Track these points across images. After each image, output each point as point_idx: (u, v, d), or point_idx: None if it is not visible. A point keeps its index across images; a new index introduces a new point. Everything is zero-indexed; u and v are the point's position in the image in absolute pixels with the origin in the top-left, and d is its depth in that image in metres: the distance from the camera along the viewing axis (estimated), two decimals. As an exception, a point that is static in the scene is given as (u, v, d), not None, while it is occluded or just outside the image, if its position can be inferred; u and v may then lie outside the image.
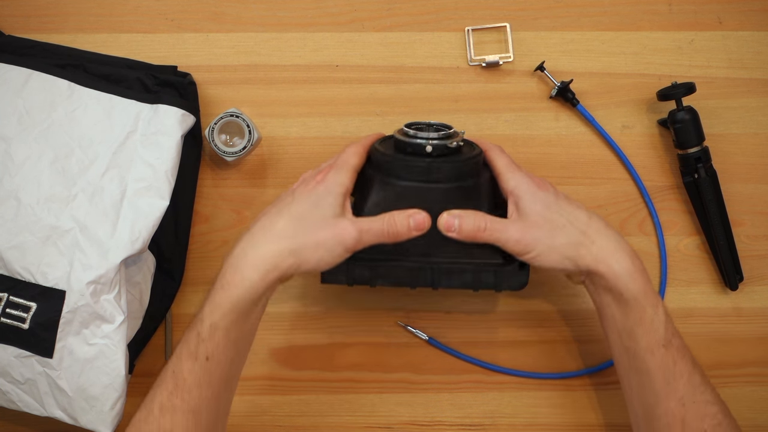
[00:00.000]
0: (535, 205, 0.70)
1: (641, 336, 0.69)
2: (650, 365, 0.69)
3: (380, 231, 0.68)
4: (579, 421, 0.82)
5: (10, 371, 0.73)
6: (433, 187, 0.70)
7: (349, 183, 0.69)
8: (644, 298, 0.69)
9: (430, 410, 0.82)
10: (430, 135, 0.71)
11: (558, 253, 0.69)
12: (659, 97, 0.82)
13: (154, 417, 0.65)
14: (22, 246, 0.73)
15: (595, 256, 0.69)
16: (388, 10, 0.85)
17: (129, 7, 0.84)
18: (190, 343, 0.66)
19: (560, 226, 0.70)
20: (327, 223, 0.67)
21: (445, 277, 0.71)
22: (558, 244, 0.69)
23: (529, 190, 0.71)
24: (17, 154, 0.75)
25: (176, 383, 0.66)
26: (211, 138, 0.80)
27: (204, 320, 0.66)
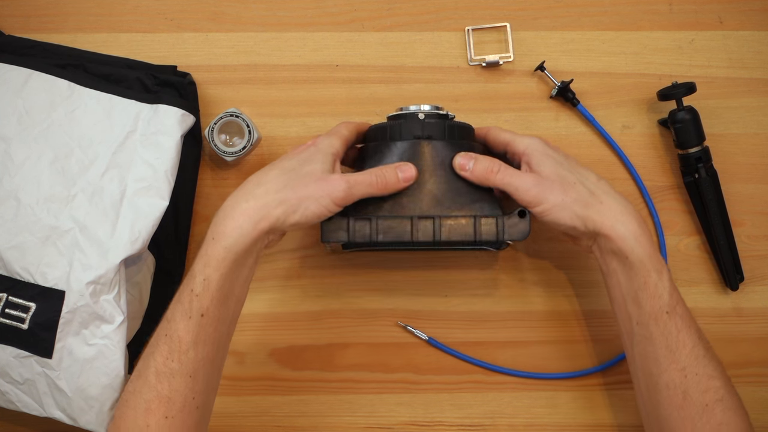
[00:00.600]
0: (548, 161, 0.71)
1: (645, 301, 0.69)
2: (653, 332, 0.69)
3: (369, 182, 0.69)
4: (579, 421, 0.82)
5: (9, 371, 0.73)
6: (426, 142, 0.72)
7: (339, 147, 0.71)
8: (649, 261, 0.69)
9: (430, 410, 0.82)
10: (422, 106, 0.75)
11: (569, 209, 0.69)
12: (660, 96, 0.82)
13: (150, 385, 0.64)
14: (21, 246, 0.73)
15: (603, 216, 0.69)
16: (388, 10, 0.85)
17: (129, 6, 0.84)
18: (183, 301, 0.66)
19: (571, 183, 0.70)
20: (316, 176, 0.68)
21: (446, 229, 0.70)
22: (569, 200, 0.69)
23: (540, 149, 0.72)
24: (17, 154, 0.75)
25: (171, 346, 0.65)
26: (210, 138, 0.80)
27: (196, 275, 0.66)
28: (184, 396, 0.65)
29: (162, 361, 0.65)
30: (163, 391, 0.64)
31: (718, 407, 0.68)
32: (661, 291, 0.69)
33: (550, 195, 0.69)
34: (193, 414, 0.65)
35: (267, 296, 0.83)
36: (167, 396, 0.64)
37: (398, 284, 0.83)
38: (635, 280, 0.69)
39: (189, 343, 0.65)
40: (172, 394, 0.64)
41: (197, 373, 0.65)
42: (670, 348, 0.68)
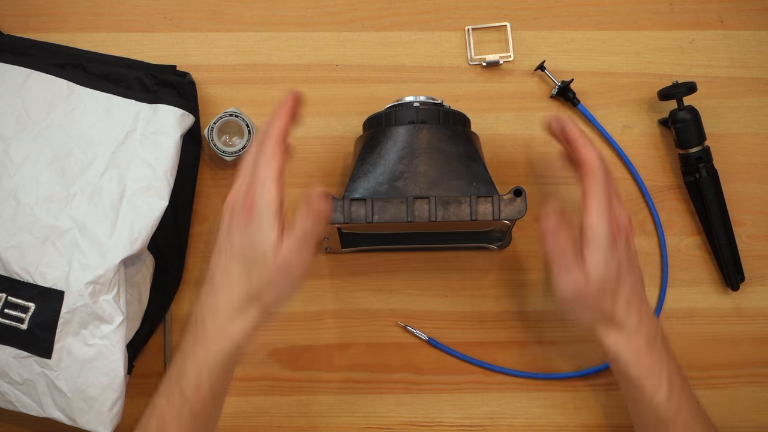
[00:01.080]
0: (600, 271, 0.66)
1: (643, 413, 0.70)
2: None
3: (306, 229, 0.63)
4: (579, 421, 0.82)
5: (8, 372, 0.73)
6: (421, 126, 0.72)
7: (276, 192, 0.64)
8: (647, 378, 0.68)
9: (430, 411, 0.82)
10: (418, 97, 0.76)
11: (587, 317, 0.69)
12: (660, 96, 0.82)
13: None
14: (20, 246, 0.72)
15: (609, 332, 0.69)
16: (388, 9, 0.85)
17: (128, 6, 0.84)
18: (174, 404, 0.65)
19: (602, 302, 0.67)
20: (267, 260, 0.63)
21: (442, 209, 0.69)
22: (590, 314, 0.68)
23: (603, 251, 0.66)
24: (16, 153, 0.75)
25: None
26: (210, 138, 0.80)
27: (189, 379, 0.65)
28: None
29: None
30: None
31: None
32: (657, 405, 0.68)
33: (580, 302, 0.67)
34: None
35: (267, 296, 0.83)
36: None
37: (398, 284, 0.83)
38: (632, 392, 0.70)
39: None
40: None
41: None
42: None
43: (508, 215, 0.70)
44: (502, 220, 0.70)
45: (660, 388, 0.68)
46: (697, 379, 0.82)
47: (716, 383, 0.82)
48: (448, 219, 0.69)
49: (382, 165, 0.72)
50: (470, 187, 0.71)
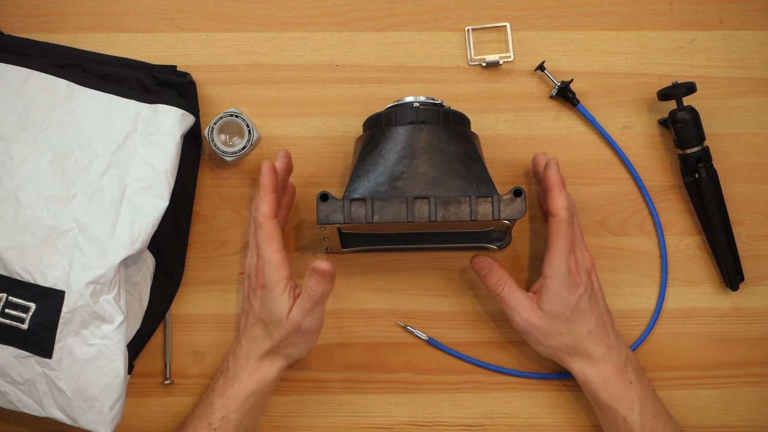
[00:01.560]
0: (556, 300, 0.74)
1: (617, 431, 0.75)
2: None
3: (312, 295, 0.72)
4: (579, 421, 0.82)
5: (9, 371, 0.73)
6: (420, 126, 0.73)
7: (281, 269, 0.73)
8: (617, 401, 0.74)
9: (430, 410, 0.82)
10: (418, 97, 0.76)
11: (545, 349, 0.77)
12: (660, 96, 0.82)
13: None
14: (21, 246, 0.72)
15: (574, 361, 0.76)
16: (388, 9, 0.85)
17: (128, 6, 0.84)
18: (201, 428, 0.74)
19: (557, 333, 0.75)
20: (283, 323, 0.73)
21: (442, 209, 0.70)
22: (548, 344, 0.76)
23: (561, 277, 0.73)
24: (16, 154, 0.75)
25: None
26: (210, 138, 0.80)
27: (215, 411, 0.74)
28: None
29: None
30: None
31: None
32: (630, 425, 0.73)
33: (533, 333, 0.75)
34: None
35: (267, 296, 0.83)
36: None
37: (398, 284, 0.83)
38: (604, 416, 0.76)
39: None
40: None
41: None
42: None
43: (508, 215, 0.70)
44: (502, 220, 0.70)
45: (632, 410, 0.73)
46: (697, 379, 0.82)
47: (716, 383, 0.82)
48: (448, 219, 0.69)
49: (382, 165, 0.72)
50: (470, 188, 0.71)
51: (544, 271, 0.74)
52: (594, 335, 0.75)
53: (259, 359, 0.75)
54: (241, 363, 0.75)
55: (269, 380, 0.75)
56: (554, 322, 0.74)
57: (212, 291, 0.82)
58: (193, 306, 0.82)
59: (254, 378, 0.75)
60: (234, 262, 0.82)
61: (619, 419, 0.74)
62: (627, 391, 0.74)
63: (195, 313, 0.82)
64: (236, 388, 0.74)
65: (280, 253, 0.73)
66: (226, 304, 0.82)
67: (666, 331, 0.83)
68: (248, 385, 0.74)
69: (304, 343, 0.75)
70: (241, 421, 0.74)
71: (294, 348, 0.75)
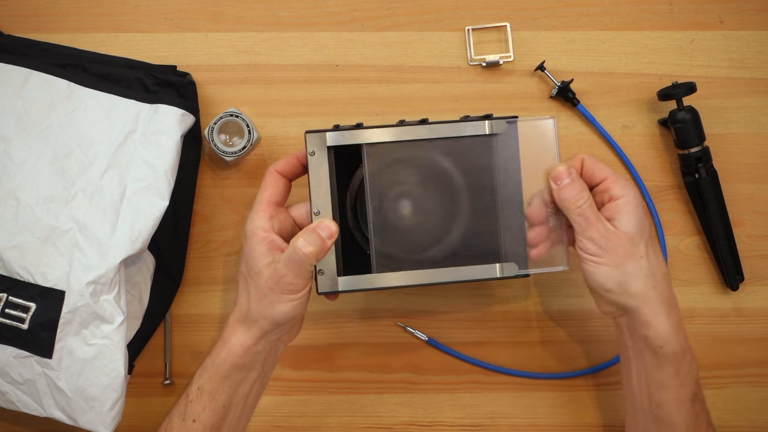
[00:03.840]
0: (632, 222, 0.67)
1: (672, 388, 0.68)
2: (675, 418, 0.69)
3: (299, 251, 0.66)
4: (579, 421, 0.82)
5: (9, 371, 0.73)
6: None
7: (262, 215, 0.68)
8: (683, 354, 0.68)
9: (430, 411, 0.82)
10: None
11: (614, 276, 0.68)
12: (660, 96, 0.82)
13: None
14: (21, 246, 0.73)
15: (647, 301, 0.67)
16: (388, 9, 0.85)
17: (128, 6, 0.84)
18: (180, 403, 0.69)
19: (636, 256, 0.67)
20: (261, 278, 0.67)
21: None
22: (623, 270, 0.67)
23: (634, 203, 0.68)
24: (16, 154, 0.75)
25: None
26: (210, 138, 0.80)
27: (193, 382, 0.69)
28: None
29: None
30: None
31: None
32: (690, 380, 0.68)
33: (609, 254, 0.67)
34: None
35: (267, 296, 0.83)
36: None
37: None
38: (666, 369, 0.68)
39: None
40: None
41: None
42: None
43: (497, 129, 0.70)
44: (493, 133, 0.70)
45: (693, 363, 0.69)
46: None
47: (716, 383, 0.82)
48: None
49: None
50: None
51: (612, 195, 0.68)
52: (665, 270, 0.69)
53: (235, 324, 0.69)
54: (222, 331, 0.70)
55: (239, 350, 0.68)
56: (633, 239, 0.67)
57: (212, 291, 0.82)
58: (193, 306, 0.82)
59: (225, 345, 0.69)
60: (234, 262, 0.82)
61: (682, 372, 0.68)
62: (688, 340, 0.69)
63: (195, 313, 0.82)
64: (210, 356, 0.69)
65: (269, 199, 0.69)
66: (226, 304, 0.82)
67: (666, 331, 0.83)
68: (219, 353, 0.69)
69: (277, 304, 0.67)
70: (215, 394, 0.68)
71: (266, 310, 0.67)
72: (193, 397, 0.68)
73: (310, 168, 0.70)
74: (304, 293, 0.68)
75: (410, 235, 0.71)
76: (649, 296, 0.67)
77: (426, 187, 0.71)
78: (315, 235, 0.67)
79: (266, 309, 0.67)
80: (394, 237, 0.71)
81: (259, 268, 0.67)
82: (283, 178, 0.71)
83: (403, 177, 0.71)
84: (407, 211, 0.71)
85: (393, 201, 0.71)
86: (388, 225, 0.70)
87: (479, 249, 0.71)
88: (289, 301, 0.67)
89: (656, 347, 0.68)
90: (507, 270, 0.71)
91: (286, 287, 0.67)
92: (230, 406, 0.70)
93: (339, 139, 0.70)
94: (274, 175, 0.71)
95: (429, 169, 0.71)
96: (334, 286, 0.70)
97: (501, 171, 0.71)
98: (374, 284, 0.70)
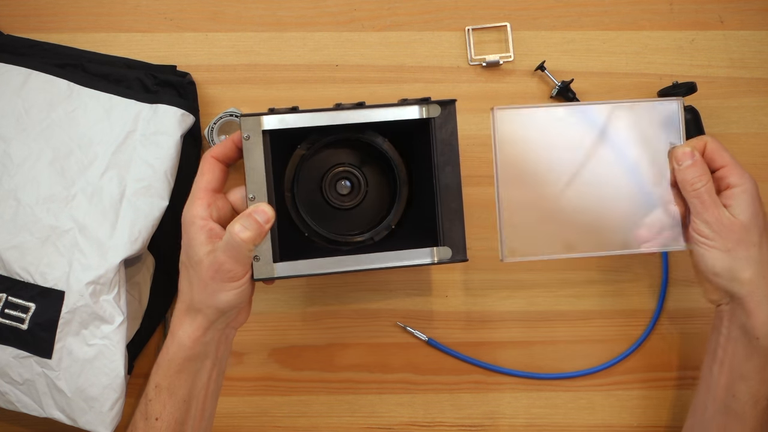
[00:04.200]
0: (749, 210, 0.68)
1: (755, 382, 0.69)
2: (748, 413, 0.69)
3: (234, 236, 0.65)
4: (579, 421, 0.82)
5: (8, 372, 0.73)
6: None
7: (199, 203, 0.67)
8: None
9: (430, 411, 0.82)
10: None
11: (727, 260, 0.68)
12: (660, 96, 0.82)
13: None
14: (21, 246, 0.73)
15: (754, 288, 0.68)
16: (388, 9, 0.85)
17: (128, 6, 0.84)
18: (141, 403, 0.68)
19: (751, 243, 0.68)
20: (201, 266, 0.66)
21: None
22: (735, 255, 0.68)
23: (753, 193, 0.69)
24: (16, 154, 0.75)
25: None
26: (210, 138, 0.80)
27: (150, 381, 0.68)
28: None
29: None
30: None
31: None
32: None
33: (722, 239, 0.68)
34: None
35: (267, 296, 0.83)
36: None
37: (398, 284, 0.83)
38: (755, 361, 0.68)
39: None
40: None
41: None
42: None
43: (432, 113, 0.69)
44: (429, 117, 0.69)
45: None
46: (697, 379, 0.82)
47: (716, 383, 0.82)
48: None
49: None
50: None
51: (729, 180, 0.69)
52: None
53: (180, 316, 0.68)
54: (171, 323, 0.69)
55: (188, 341, 0.67)
56: (749, 227, 0.68)
57: (212, 291, 0.82)
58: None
59: (174, 338, 0.67)
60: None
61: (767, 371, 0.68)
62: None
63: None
64: (162, 352, 0.68)
65: (202, 190, 0.67)
66: (226, 304, 0.82)
67: (666, 331, 0.83)
68: (169, 347, 0.67)
69: (219, 292, 0.66)
70: (173, 389, 0.67)
71: (209, 298, 0.66)
72: (152, 395, 0.67)
73: (245, 152, 0.68)
74: (245, 280, 0.67)
75: (348, 217, 0.73)
76: (757, 285, 0.68)
77: (364, 170, 0.74)
78: (251, 220, 0.65)
79: (209, 298, 0.66)
80: (331, 220, 0.72)
81: (199, 257, 0.66)
82: (220, 164, 0.69)
83: (342, 158, 0.73)
84: (345, 192, 0.74)
85: (330, 182, 0.73)
86: (326, 208, 0.71)
87: (417, 234, 0.72)
88: (231, 290, 0.66)
89: (752, 338, 0.68)
90: (442, 254, 0.70)
91: (226, 274, 0.65)
92: (191, 399, 0.68)
93: (274, 123, 0.68)
94: (210, 161, 0.68)
95: (367, 152, 0.73)
96: (271, 272, 0.68)
97: (439, 155, 0.70)
98: (312, 270, 0.69)
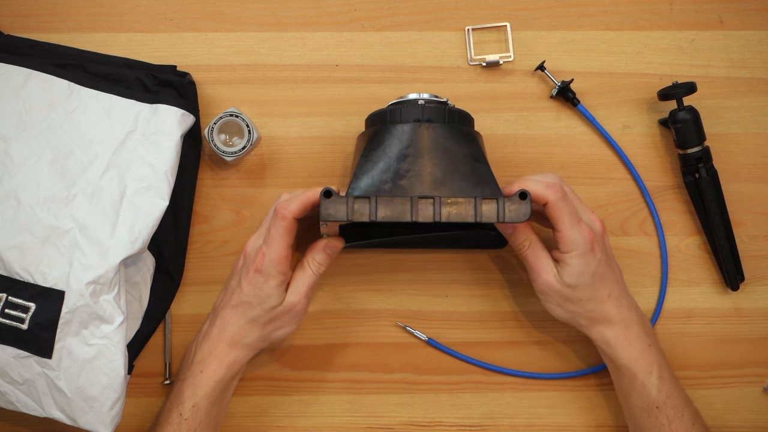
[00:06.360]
0: (574, 275, 0.73)
1: (635, 397, 0.74)
2: (645, 423, 0.74)
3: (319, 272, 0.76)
4: (579, 421, 0.82)
5: (8, 371, 0.73)
6: (426, 125, 0.72)
7: (283, 251, 0.73)
8: (636, 364, 0.74)
9: (430, 411, 0.82)
10: (422, 94, 0.76)
11: (564, 312, 0.76)
12: (660, 96, 0.82)
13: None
14: (21, 246, 0.72)
15: (592, 325, 0.75)
16: (388, 9, 0.85)
17: (128, 6, 0.84)
18: (172, 423, 0.73)
19: (577, 300, 0.74)
20: (275, 307, 0.74)
21: (446, 210, 0.69)
22: (567, 309, 0.75)
23: (578, 258, 0.72)
24: (16, 154, 0.75)
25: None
26: (210, 138, 0.80)
27: (185, 401, 0.73)
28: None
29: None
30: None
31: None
32: (648, 389, 0.73)
33: (553, 297, 0.74)
34: None
35: (267, 296, 0.83)
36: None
37: (398, 284, 0.83)
38: (624, 379, 0.75)
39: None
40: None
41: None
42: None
43: (513, 218, 0.69)
44: (506, 222, 0.69)
45: (651, 373, 0.73)
46: (697, 379, 0.82)
47: (716, 383, 0.82)
48: (452, 220, 0.69)
49: (386, 162, 0.71)
50: (475, 189, 0.70)
51: (560, 247, 0.73)
52: (614, 298, 0.74)
53: (232, 343, 0.74)
54: (210, 347, 0.75)
55: (240, 365, 0.75)
56: (574, 289, 0.73)
57: (212, 291, 0.82)
58: (193, 306, 0.82)
59: (224, 363, 0.74)
60: (234, 262, 0.82)
61: (638, 383, 0.73)
62: (646, 353, 0.74)
63: (195, 313, 0.82)
64: (205, 374, 0.73)
65: (287, 250, 0.73)
66: (226, 304, 0.82)
67: (666, 331, 0.83)
68: (217, 371, 0.73)
69: (288, 325, 0.76)
70: (210, 408, 0.73)
71: (278, 331, 0.75)
72: (188, 414, 0.72)
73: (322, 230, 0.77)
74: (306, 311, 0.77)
75: None
76: (592, 322, 0.75)
77: None
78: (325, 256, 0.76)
79: (271, 334, 0.75)
80: None
81: (271, 305, 0.74)
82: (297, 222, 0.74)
83: None
84: None
85: None
86: None
87: None
88: (295, 324, 0.76)
89: (609, 359, 0.76)
90: None
91: (299, 315, 0.75)
92: (220, 415, 0.76)
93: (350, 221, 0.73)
94: (293, 223, 0.73)
95: None
96: None
97: None
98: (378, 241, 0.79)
